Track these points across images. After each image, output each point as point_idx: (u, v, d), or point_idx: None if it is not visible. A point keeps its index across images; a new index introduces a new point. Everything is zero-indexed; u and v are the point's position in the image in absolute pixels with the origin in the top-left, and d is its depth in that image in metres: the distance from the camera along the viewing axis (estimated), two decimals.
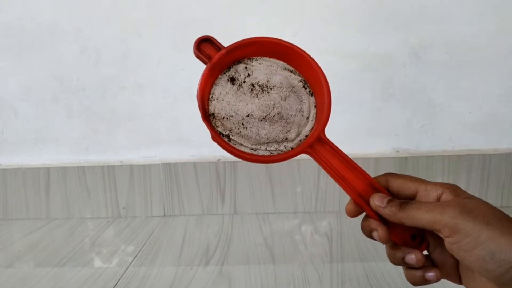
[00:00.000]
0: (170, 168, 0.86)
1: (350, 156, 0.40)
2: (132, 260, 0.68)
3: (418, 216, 0.34)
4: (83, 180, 0.87)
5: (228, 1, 0.80)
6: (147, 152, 0.88)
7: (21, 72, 0.86)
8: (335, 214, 0.84)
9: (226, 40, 0.40)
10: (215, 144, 0.39)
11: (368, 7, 0.79)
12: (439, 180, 0.84)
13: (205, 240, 0.75)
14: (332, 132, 0.40)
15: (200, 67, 0.40)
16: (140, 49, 0.83)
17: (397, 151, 0.85)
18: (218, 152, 0.86)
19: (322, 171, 0.82)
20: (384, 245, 0.40)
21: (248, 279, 0.61)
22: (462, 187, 0.37)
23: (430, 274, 0.37)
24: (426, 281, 0.37)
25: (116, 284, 0.61)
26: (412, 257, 0.37)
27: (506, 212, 0.34)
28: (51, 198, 0.88)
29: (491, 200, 0.83)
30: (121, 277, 0.63)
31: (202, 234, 0.78)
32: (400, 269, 0.61)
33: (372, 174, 0.40)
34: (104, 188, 0.87)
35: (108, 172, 0.87)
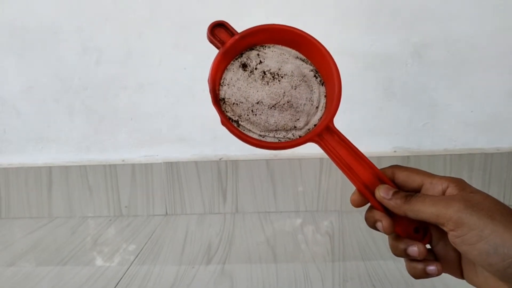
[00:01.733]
0: (172, 167, 0.86)
1: None
2: (134, 259, 0.68)
3: (423, 209, 0.34)
4: (85, 179, 0.87)
5: (229, 1, 0.80)
6: (149, 151, 0.88)
7: (23, 71, 0.86)
8: (337, 213, 0.84)
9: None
10: (216, 143, 0.39)
11: (370, 6, 0.79)
12: None
13: (207, 239, 0.75)
14: None
15: (201, 66, 0.40)
16: (141, 48, 0.83)
17: (399, 150, 0.85)
18: (219, 151, 0.86)
19: (324, 170, 0.82)
20: (386, 243, 0.40)
21: (250, 278, 0.61)
22: None
23: (431, 268, 0.37)
24: (427, 275, 0.37)
25: (118, 283, 0.61)
26: (414, 249, 0.37)
27: None
28: (53, 197, 0.88)
29: None
30: (123, 276, 0.63)
31: (204, 233, 0.78)
32: (402, 267, 0.61)
33: None
34: (106, 187, 0.87)
35: (110, 171, 0.87)
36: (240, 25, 0.83)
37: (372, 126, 0.84)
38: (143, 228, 0.81)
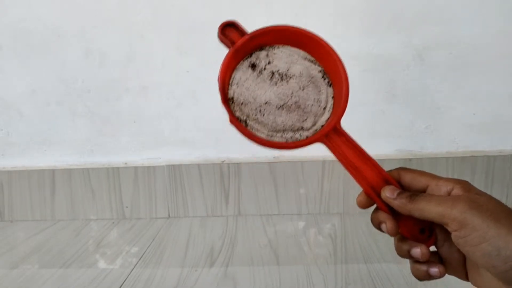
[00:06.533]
0: (174, 170, 0.86)
1: None
2: (137, 262, 0.69)
3: (428, 209, 0.35)
4: (88, 181, 0.87)
5: (231, 4, 0.80)
6: (152, 154, 0.88)
7: (26, 74, 0.86)
8: (339, 216, 0.83)
9: None
10: (219, 146, 0.39)
11: (372, 9, 0.79)
12: None
13: (209, 241, 0.75)
14: None
15: (204, 69, 0.40)
16: (144, 51, 0.84)
17: (401, 153, 0.85)
18: (222, 154, 0.86)
19: (326, 172, 0.82)
20: (389, 245, 0.41)
21: (253, 281, 0.61)
22: None
23: (434, 270, 0.37)
24: (430, 276, 0.38)
25: (121, 286, 0.61)
26: (417, 251, 0.37)
27: None
28: (56, 200, 0.89)
29: None
30: (126, 278, 0.63)
31: (206, 235, 0.78)
32: (404, 270, 0.61)
33: None
34: (108, 189, 0.88)
35: (113, 173, 0.87)
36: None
37: (374, 128, 0.84)
38: (146, 231, 0.81)
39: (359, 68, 0.82)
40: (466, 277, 0.38)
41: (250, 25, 0.37)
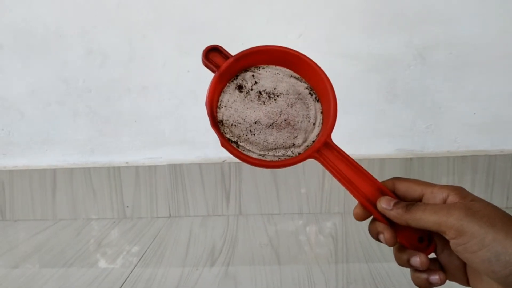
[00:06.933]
0: (175, 169, 0.86)
1: (355, 157, 0.40)
2: (138, 261, 0.69)
3: (424, 218, 0.34)
4: (89, 181, 0.88)
5: (232, 4, 0.80)
6: (153, 153, 0.88)
7: (27, 74, 0.86)
8: (340, 215, 0.84)
9: (231, 41, 0.40)
10: (219, 144, 0.39)
11: (373, 8, 0.80)
12: (444, 181, 0.84)
13: (210, 241, 0.75)
14: (336, 134, 0.40)
15: (205, 69, 0.41)
16: (145, 51, 0.84)
17: (402, 152, 0.85)
18: (223, 153, 0.86)
19: (327, 172, 0.82)
20: (391, 247, 0.41)
21: (254, 280, 0.61)
22: (467, 188, 0.37)
23: (434, 277, 0.37)
24: (431, 284, 0.38)
25: (122, 285, 0.61)
26: (416, 260, 0.37)
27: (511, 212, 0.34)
28: (57, 199, 0.89)
29: (496, 201, 0.83)
30: (127, 278, 0.63)
31: (207, 235, 0.78)
32: (405, 270, 0.61)
33: (377, 175, 0.40)
34: (110, 189, 0.88)
35: (114, 173, 0.87)
36: (243, 28, 0.83)
37: (375, 128, 0.84)
38: (146, 230, 0.81)
39: (360, 68, 0.82)
40: (467, 283, 0.37)
41: (250, 25, 0.37)
